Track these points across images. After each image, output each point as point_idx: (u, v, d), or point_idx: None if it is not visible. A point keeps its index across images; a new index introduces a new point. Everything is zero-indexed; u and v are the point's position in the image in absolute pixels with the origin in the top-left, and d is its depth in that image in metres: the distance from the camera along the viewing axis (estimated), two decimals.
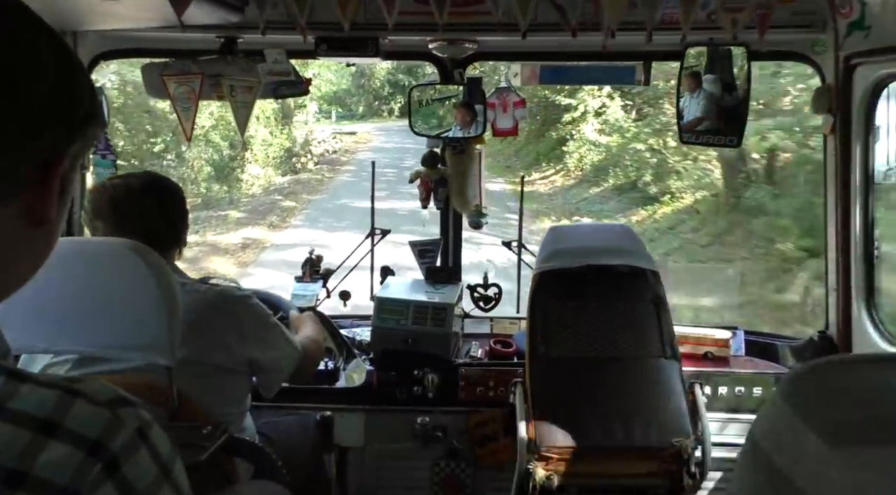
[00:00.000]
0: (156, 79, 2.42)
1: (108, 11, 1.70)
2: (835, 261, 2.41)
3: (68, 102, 0.68)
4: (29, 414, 0.57)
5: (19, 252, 0.70)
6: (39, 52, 0.65)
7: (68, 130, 0.69)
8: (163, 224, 1.84)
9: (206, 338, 1.76)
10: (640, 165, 12.32)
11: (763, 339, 2.87)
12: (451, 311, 2.69)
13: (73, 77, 0.70)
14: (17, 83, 0.63)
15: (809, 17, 2.25)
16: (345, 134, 28.09)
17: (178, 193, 1.92)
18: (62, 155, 0.69)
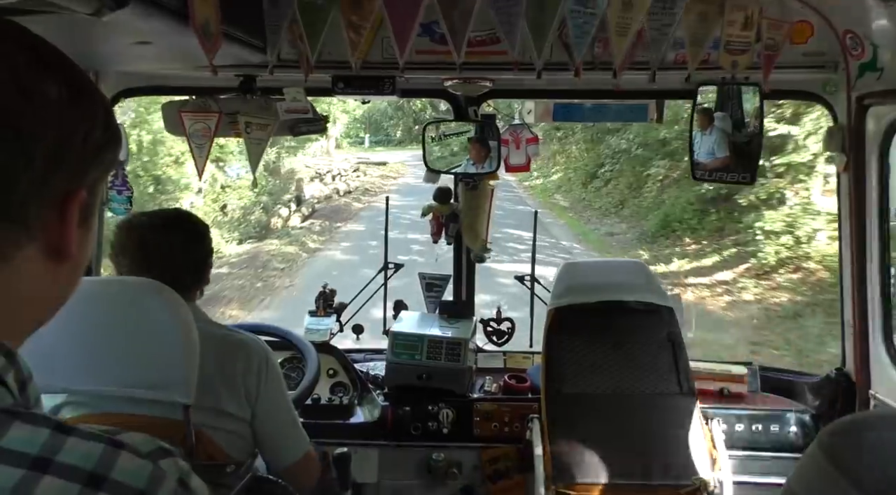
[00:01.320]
0: (174, 116, 2.45)
1: (136, 53, 1.73)
2: (851, 297, 2.41)
3: (81, 136, 0.67)
4: (77, 468, 0.58)
5: (44, 290, 0.70)
6: (46, 91, 0.65)
7: (82, 163, 0.68)
8: (186, 263, 1.83)
9: (221, 384, 1.74)
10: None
11: (779, 375, 2.86)
12: (466, 346, 2.69)
13: (84, 108, 0.68)
14: (23, 129, 0.62)
15: (821, 57, 2.28)
16: (372, 165, 25.47)
17: (203, 232, 1.90)
18: (78, 187, 0.68)
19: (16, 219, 0.64)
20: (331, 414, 2.68)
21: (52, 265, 0.68)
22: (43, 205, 0.65)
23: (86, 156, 0.68)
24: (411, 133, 33.05)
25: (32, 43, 0.66)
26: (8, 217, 0.63)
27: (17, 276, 0.66)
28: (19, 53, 0.64)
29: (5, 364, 0.64)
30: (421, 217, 2.95)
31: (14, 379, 0.65)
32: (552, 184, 20.89)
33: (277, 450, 1.86)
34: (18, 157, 0.62)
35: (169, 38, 1.50)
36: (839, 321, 2.56)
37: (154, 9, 1.29)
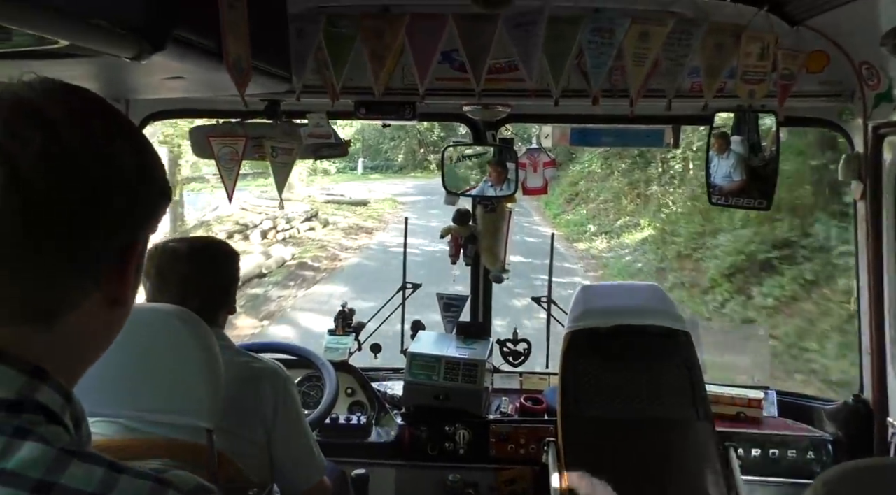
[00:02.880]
0: (203, 140, 2.52)
1: (168, 85, 1.79)
2: (868, 324, 2.41)
3: (144, 195, 0.74)
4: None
5: (101, 334, 0.76)
6: (118, 155, 0.71)
7: (142, 219, 0.75)
8: (212, 289, 1.87)
9: (240, 409, 1.77)
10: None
11: (796, 400, 2.86)
12: (483, 367, 2.72)
13: (147, 169, 0.75)
14: (98, 190, 0.69)
15: (837, 86, 2.30)
16: (346, 205, 19.32)
17: (229, 259, 1.95)
18: (136, 240, 0.75)
19: (86, 270, 0.70)
20: (349, 434, 2.72)
21: (109, 311, 0.75)
22: (108, 258, 0.72)
23: (146, 213, 0.75)
24: (415, 157, 28.43)
25: (105, 109, 0.73)
26: (80, 268, 0.70)
27: (82, 322, 0.72)
28: (95, 119, 0.71)
29: (63, 404, 0.70)
30: (440, 238, 3.00)
31: (70, 418, 0.70)
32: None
33: (291, 476, 1.88)
34: (92, 215, 0.68)
35: (201, 74, 1.55)
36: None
37: (190, 49, 1.35)
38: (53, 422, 0.67)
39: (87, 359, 0.77)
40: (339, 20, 2.28)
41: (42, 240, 0.66)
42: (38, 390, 0.67)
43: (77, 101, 0.70)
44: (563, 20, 2.22)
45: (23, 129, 0.65)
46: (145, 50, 1.20)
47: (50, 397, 0.68)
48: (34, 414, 0.65)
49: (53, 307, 0.69)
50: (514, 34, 2.25)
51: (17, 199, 0.63)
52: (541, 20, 2.19)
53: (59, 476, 0.61)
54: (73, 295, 0.70)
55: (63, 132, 0.66)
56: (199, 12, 1.41)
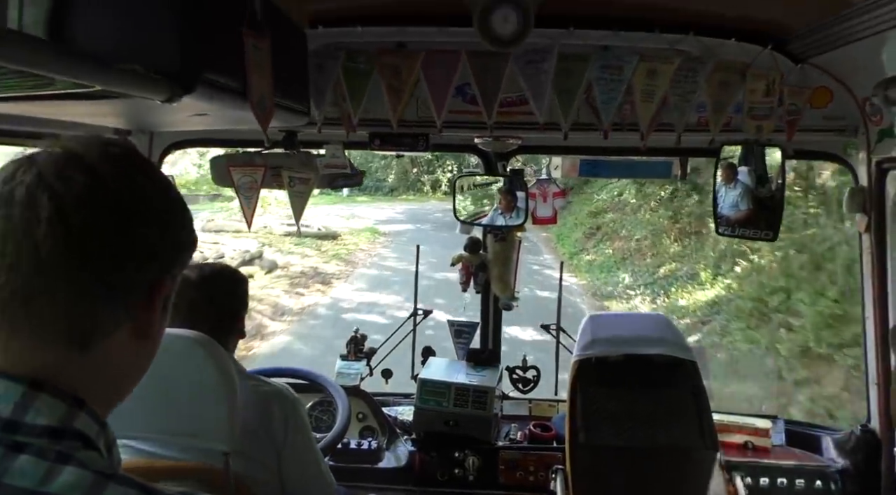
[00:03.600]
0: (223, 169, 2.59)
1: (192, 121, 1.87)
2: (874, 354, 2.43)
3: (172, 235, 0.83)
4: None
5: (131, 364, 0.83)
6: (150, 198, 0.81)
7: (171, 258, 0.83)
8: (221, 315, 1.92)
9: (251, 433, 1.80)
10: None
11: (804, 430, 2.87)
12: (492, 394, 2.75)
13: (176, 211, 0.84)
14: (131, 225, 0.77)
15: (841, 121, 2.35)
16: (310, 238, 14.98)
17: (240, 285, 2.00)
18: (165, 278, 0.83)
19: (119, 299, 0.77)
20: (359, 459, 2.75)
21: (137, 342, 0.82)
22: (138, 290, 0.79)
23: (174, 253, 0.83)
24: (407, 178, 27.33)
25: (138, 158, 0.84)
26: (114, 297, 0.77)
27: (113, 351, 0.79)
28: (130, 165, 0.81)
29: (99, 431, 0.76)
30: (451, 266, 3.05)
31: (104, 444, 0.77)
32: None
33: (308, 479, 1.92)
34: (126, 247, 0.76)
35: (226, 112, 1.63)
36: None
37: (217, 91, 1.42)
38: (90, 448, 0.73)
39: (120, 389, 0.84)
40: (357, 56, 2.37)
41: (81, 268, 0.73)
42: (76, 418, 0.73)
43: (115, 152, 0.80)
44: (572, 57, 2.29)
45: (68, 172, 0.74)
46: (176, 93, 1.27)
47: (87, 424, 0.74)
48: (73, 441, 0.71)
49: (89, 332, 0.76)
50: (525, 70, 2.32)
51: (61, 230, 0.72)
52: (550, 57, 2.27)
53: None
54: (107, 322, 0.77)
55: (102, 174, 0.76)
56: (226, 54, 1.48)
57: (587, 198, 17.54)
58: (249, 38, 1.57)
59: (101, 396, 0.79)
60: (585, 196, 17.81)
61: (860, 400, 2.57)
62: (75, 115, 1.79)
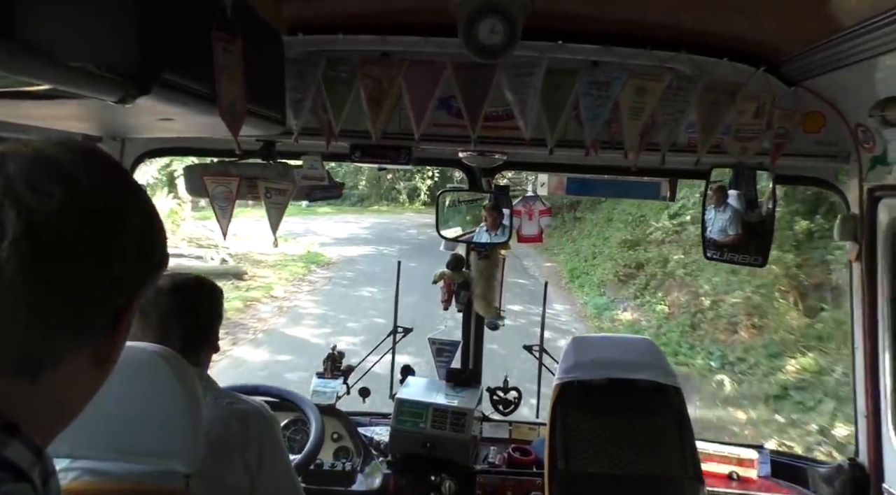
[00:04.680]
0: (197, 179, 2.51)
1: (161, 126, 1.79)
2: (864, 386, 2.37)
3: (147, 256, 0.76)
4: None
5: (81, 393, 0.76)
6: (130, 217, 0.73)
7: (142, 279, 0.76)
8: (192, 328, 1.84)
9: (222, 454, 1.72)
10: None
11: (790, 461, 2.79)
12: (471, 416, 2.67)
13: (153, 231, 0.77)
14: (111, 243, 0.70)
15: (833, 147, 2.30)
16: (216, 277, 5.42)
17: (214, 297, 1.92)
18: (133, 302, 0.76)
19: (82, 326, 0.70)
20: (333, 480, 2.65)
21: (94, 370, 0.75)
22: (105, 316, 0.72)
23: (146, 274, 0.77)
24: (380, 185, 24.03)
25: (119, 170, 0.77)
26: (77, 321, 0.70)
27: (66, 379, 0.72)
28: (111, 179, 0.73)
29: (33, 460, 0.68)
30: (433, 283, 2.97)
31: (38, 475, 0.68)
32: None
33: None
34: (99, 271, 0.70)
35: (192, 117, 1.55)
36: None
37: (179, 93, 1.34)
38: (21, 480, 0.65)
39: (68, 416, 0.76)
40: (339, 64, 2.29)
41: (47, 293, 0.67)
42: (7, 446, 0.66)
43: (95, 161, 0.73)
44: (561, 72, 2.23)
45: (43, 184, 0.67)
46: (130, 94, 1.19)
47: (19, 453, 0.66)
48: (1, 472, 0.64)
49: (43, 360, 0.69)
50: (512, 83, 2.26)
51: (27, 249, 0.64)
52: (538, 71, 2.20)
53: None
54: (65, 349, 0.70)
55: (83, 192, 0.69)
56: (191, 56, 1.41)
57: (609, 215, 14.14)
58: (219, 40, 1.49)
59: (45, 423, 0.72)
60: (605, 214, 14.77)
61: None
62: (37, 119, 1.70)
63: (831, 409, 5.27)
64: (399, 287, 3.17)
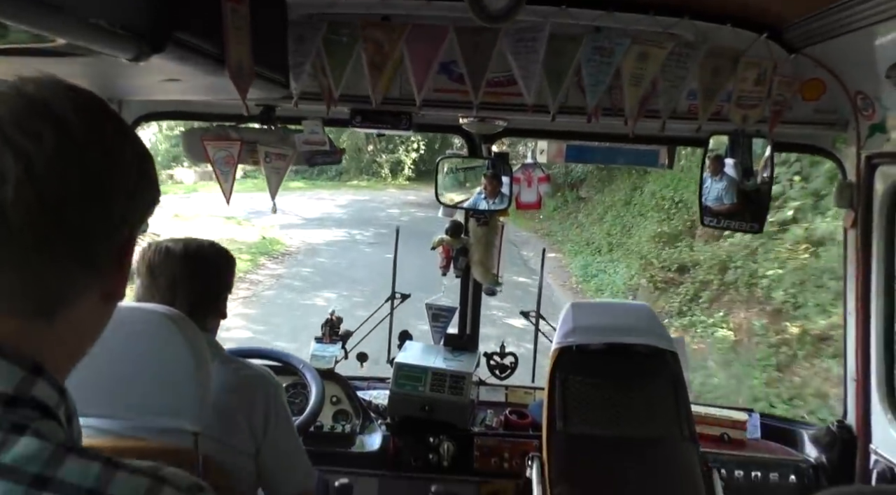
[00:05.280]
0: (196, 143, 2.49)
1: (164, 87, 1.78)
2: (854, 350, 2.42)
3: (142, 193, 0.76)
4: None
5: (94, 327, 0.78)
6: (125, 155, 0.74)
7: (140, 216, 0.77)
8: (203, 293, 1.85)
9: (228, 418, 1.75)
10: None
11: (780, 424, 2.87)
12: (469, 380, 2.71)
13: (146, 169, 0.77)
14: (106, 187, 0.71)
15: (832, 115, 2.32)
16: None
17: (221, 264, 1.91)
18: (133, 238, 0.78)
19: (90, 265, 0.72)
20: (333, 442, 2.70)
21: (104, 305, 0.77)
22: (109, 254, 0.74)
23: (143, 211, 0.77)
24: (360, 158, 21.68)
25: (107, 108, 0.75)
26: (85, 265, 0.71)
27: (80, 317, 0.73)
28: (105, 119, 0.73)
29: (59, 400, 0.70)
30: (431, 249, 2.99)
31: (63, 414, 0.71)
32: None
33: (279, 484, 1.86)
34: (102, 212, 0.70)
35: (200, 78, 1.54)
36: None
37: (190, 52, 1.34)
38: (48, 417, 0.67)
39: (79, 353, 0.78)
40: (340, 28, 2.27)
41: (52, 236, 0.67)
42: (34, 385, 0.67)
43: (82, 99, 0.72)
44: (564, 37, 2.22)
45: (35, 126, 0.66)
46: (144, 51, 1.19)
47: (46, 393, 0.68)
48: (30, 410, 0.66)
49: (56, 302, 0.71)
50: (515, 49, 2.25)
51: (31, 195, 0.65)
52: (541, 36, 2.20)
53: (56, 470, 0.62)
54: (74, 290, 0.72)
55: (74, 129, 0.68)
56: (201, 16, 1.40)
57: (627, 197, 11.93)
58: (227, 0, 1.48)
59: (61, 362, 0.74)
60: (622, 196, 12.36)
61: None
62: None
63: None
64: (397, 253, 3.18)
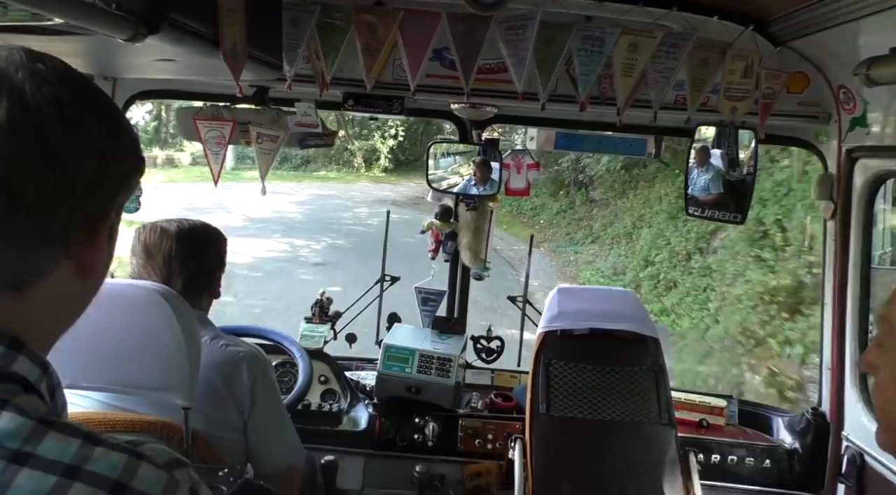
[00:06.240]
0: (188, 121, 2.51)
1: (158, 67, 1.80)
2: (830, 339, 2.48)
3: (115, 165, 0.73)
4: (103, 476, 0.64)
5: (72, 302, 0.77)
6: (88, 126, 0.70)
7: (113, 189, 0.75)
8: (195, 271, 1.89)
9: (217, 394, 1.79)
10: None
11: (756, 410, 2.93)
12: (456, 362, 2.75)
13: (118, 140, 0.74)
14: (68, 160, 0.68)
15: (815, 108, 2.36)
16: None
17: (218, 243, 1.96)
18: (109, 210, 0.76)
19: (54, 239, 0.70)
20: (320, 420, 2.74)
21: (80, 279, 0.75)
22: (79, 228, 0.72)
23: (117, 183, 0.75)
24: (329, 155, 18.66)
25: (78, 80, 0.72)
26: (49, 239, 0.70)
27: (53, 291, 0.73)
28: (66, 90, 0.69)
29: (40, 374, 0.70)
30: (420, 234, 3.02)
31: (46, 388, 0.71)
32: None
33: (266, 459, 1.90)
34: (61, 186, 0.68)
35: (194, 58, 1.57)
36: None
37: (184, 34, 1.36)
38: (30, 392, 0.67)
39: (60, 327, 0.78)
40: (334, 11, 2.30)
41: (11, 211, 0.65)
42: (15, 361, 0.67)
43: (43, 68, 0.69)
44: (555, 26, 2.25)
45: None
46: (140, 32, 1.21)
47: (27, 367, 0.68)
48: (11, 384, 0.66)
49: (22, 276, 0.69)
50: (506, 36, 2.28)
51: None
52: (532, 24, 2.22)
53: (35, 446, 0.63)
54: (41, 263, 0.70)
55: (29, 99, 0.65)
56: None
57: (675, 206, 9.29)
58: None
59: (42, 336, 0.74)
60: (666, 207, 9.85)
61: None
62: None
63: None
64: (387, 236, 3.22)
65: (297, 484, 2.03)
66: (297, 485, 2.03)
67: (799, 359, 6.21)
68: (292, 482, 2.01)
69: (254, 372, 1.85)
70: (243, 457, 1.86)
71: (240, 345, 1.90)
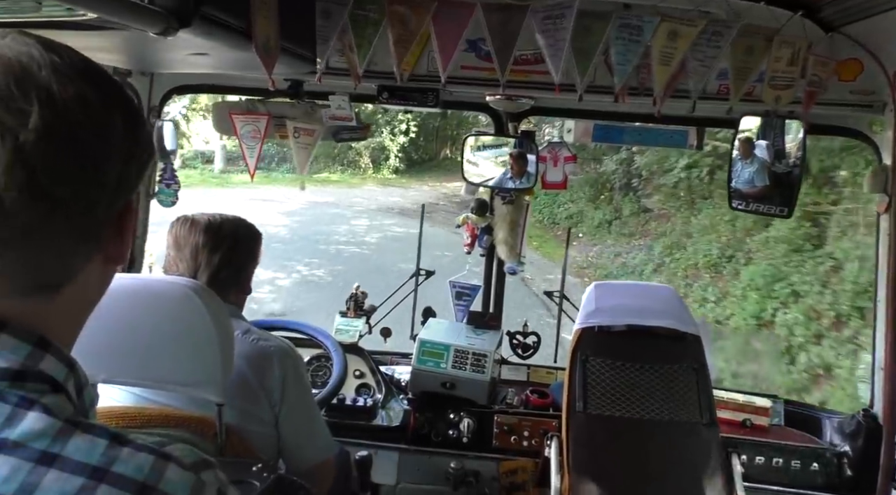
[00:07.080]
0: (224, 116, 2.53)
1: (192, 61, 1.80)
2: (883, 339, 2.38)
3: (136, 158, 0.73)
4: (130, 478, 0.63)
5: (96, 292, 0.78)
6: (114, 124, 0.70)
7: (135, 181, 0.75)
8: (228, 267, 1.89)
9: (250, 389, 1.79)
10: None
11: (805, 411, 2.84)
12: (491, 358, 2.72)
13: (137, 133, 0.74)
14: (100, 161, 0.68)
15: (869, 97, 2.26)
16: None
17: (249, 239, 1.96)
18: (131, 201, 0.76)
19: (90, 238, 0.71)
20: (355, 415, 2.74)
21: (106, 271, 0.77)
22: (109, 223, 0.73)
23: (139, 175, 0.75)
24: (332, 143, 9.52)
25: (96, 73, 0.71)
26: (86, 239, 0.70)
27: (82, 288, 0.73)
28: (88, 86, 0.68)
29: (67, 373, 0.70)
30: (456, 228, 3.00)
31: (73, 386, 0.71)
32: None
33: (297, 453, 1.90)
34: (95, 184, 0.68)
35: (227, 52, 1.56)
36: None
37: (217, 27, 1.35)
38: (57, 392, 0.67)
39: (82, 320, 0.78)
40: (366, 3, 2.27)
41: (51, 216, 0.65)
42: (42, 360, 0.67)
43: (61, 62, 0.67)
44: (592, 15, 2.19)
45: (17, 100, 0.63)
46: (172, 26, 1.21)
47: (54, 367, 0.68)
48: (39, 384, 0.66)
49: (58, 277, 0.70)
50: (542, 26, 2.22)
51: (22, 175, 0.62)
52: (570, 13, 2.16)
53: (62, 447, 0.62)
54: (77, 262, 0.71)
55: (58, 100, 0.64)
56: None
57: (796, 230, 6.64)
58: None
59: (67, 331, 0.74)
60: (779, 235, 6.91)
61: None
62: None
63: None
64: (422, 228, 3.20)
65: (329, 479, 2.03)
66: (328, 480, 2.02)
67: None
68: (324, 477, 2.00)
69: (284, 367, 1.84)
70: (275, 452, 1.86)
71: (271, 339, 1.90)
